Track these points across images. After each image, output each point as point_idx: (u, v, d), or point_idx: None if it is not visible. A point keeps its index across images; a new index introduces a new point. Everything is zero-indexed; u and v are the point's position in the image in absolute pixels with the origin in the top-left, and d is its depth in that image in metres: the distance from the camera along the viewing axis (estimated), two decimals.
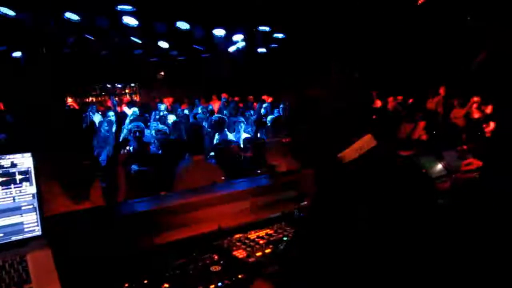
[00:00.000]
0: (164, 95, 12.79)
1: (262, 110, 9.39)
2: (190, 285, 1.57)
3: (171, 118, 8.21)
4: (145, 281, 1.61)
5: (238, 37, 9.94)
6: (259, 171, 2.98)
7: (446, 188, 2.57)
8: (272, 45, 11.07)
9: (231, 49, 10.61)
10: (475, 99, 7.76)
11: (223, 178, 3.43)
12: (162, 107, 10.62)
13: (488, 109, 7.39)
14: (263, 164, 3.16)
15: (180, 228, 1.93)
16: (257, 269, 1.65)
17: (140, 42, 8.96)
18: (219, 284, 1.57)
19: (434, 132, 5.20)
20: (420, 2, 6.95)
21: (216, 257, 1.79)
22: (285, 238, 1.92)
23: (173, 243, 1.85)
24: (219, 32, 9.31)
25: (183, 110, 10.17)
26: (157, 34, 8.76)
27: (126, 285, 1.58)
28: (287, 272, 1.28)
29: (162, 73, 15.53)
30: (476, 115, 7.50)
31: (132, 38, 8.76)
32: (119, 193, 3.12)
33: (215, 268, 1.70)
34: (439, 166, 2.85)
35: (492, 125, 6.55)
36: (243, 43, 10.04)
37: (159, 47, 9.75)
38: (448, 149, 3.15)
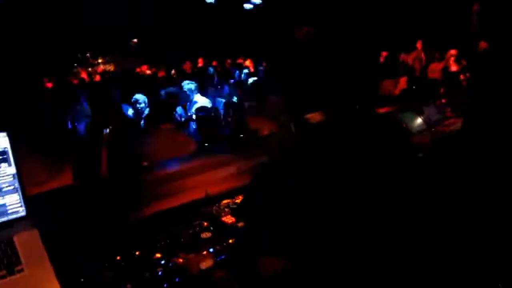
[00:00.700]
0: (139, 63, 12.45)
1: (243, 76, 9.22)
2: (182, 252, 1.59)
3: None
4: (137, 253, 1.62)
5: None
6: (241, 136, 2.97)
7: (426, 142, 2.62)
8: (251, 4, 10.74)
9: None
10: (452, 52, 7.80)
11: (194, 146, 3.36)
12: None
13: (464, 62, 7.46)
14: (245, 128, 3.14)
15: (167, 197, 1.93)
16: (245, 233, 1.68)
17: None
18: (211, 250, 1.60)
19: (414, 87, 5.25)
20: None
21: (205, 224, 1.81)
22: None
23: (162, 212, 1.85)
24: None
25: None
26: None
27: (118, 258, 1.59)
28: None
29: (135, 40, 15.05)
30: (454, 68, 7.56)
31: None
32: (101, 170, 3.06)
33: (206, 235, 1.72)
34: (419, 121, 2.90)
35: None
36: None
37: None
38: (427, 103, 3.19)
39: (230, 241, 1.65)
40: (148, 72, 11.43)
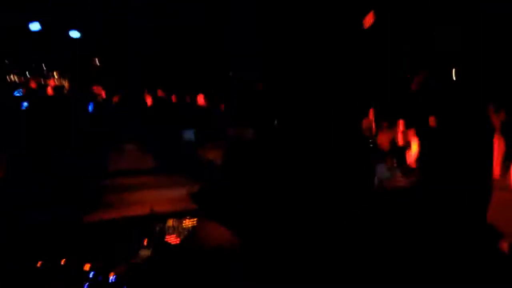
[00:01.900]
0: None
1: None
2: (113, 265, 1.44)
3: None
4: (63, 260, 1.45)
5: None
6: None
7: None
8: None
9: None
10: (401, 123, 8.26)
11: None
12: None
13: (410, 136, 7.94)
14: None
15: (109, 208, 1.77)
16: (188, 255, 1.57)
17: None
18: (146, 266, 1.46)
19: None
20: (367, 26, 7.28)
21: (145, 241, 1.67)
22: None
23: (102, 223, 1.68)
24: None
25: None
26: None
27: (39, 263, 1.41)
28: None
29: None
30: (401, 142, 7.97)
31: None
32: None
33: (145, 252, 1.58)
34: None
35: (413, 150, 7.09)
36: None
37: None
38: (379, 162, 3.30)
39: (169, 261, 1.52)
40: None
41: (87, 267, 1.43)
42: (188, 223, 1.86)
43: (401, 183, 2.91)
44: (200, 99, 9.95)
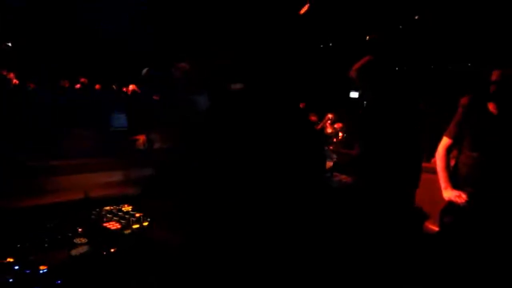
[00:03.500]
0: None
1: None
2: (43, 256, 1.27)
3: None
4: None
5: None
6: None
7: None
8: None
9: None
10: (329, 116, 8.64)
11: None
12: None
13: (337, 125, 8.33)
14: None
15: (39, 193, 1.57)
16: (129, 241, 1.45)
17: None
18: (82, 255, 1.31)
19: None
20: (301, 12, 7.39)
21: (79, 229, 1.51)
22: None
23: (29, 209, 1.48)
24: None
25: None
26: None
27: None
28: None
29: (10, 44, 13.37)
30: (329, 130, 8.35)
31: None
32: None
33: (80, 240, 1.42)
34: None
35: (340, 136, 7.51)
36: None
37: None
38: None
39: (112, 250, 1.38)
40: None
41: (10, 259, 1.25)
42: (128, 208, 1.72)
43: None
44: (132, 87, 9.51)
